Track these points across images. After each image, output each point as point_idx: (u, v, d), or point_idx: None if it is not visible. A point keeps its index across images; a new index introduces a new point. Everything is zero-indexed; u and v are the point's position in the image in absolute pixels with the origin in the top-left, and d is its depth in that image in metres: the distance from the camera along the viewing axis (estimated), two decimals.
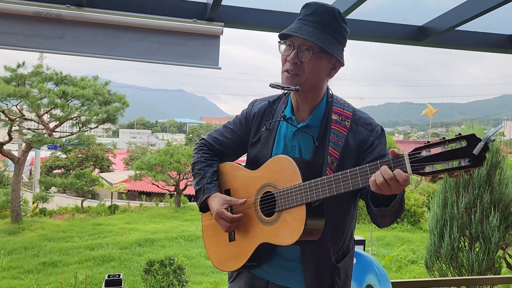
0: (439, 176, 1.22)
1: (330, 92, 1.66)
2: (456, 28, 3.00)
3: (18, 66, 12.03)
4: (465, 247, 5.55)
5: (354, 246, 1.75)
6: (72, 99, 12.31)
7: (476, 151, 1.13)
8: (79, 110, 12.85)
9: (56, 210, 15.62)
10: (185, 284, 5.18)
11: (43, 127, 12.90)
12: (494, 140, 1.15)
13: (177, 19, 2.74)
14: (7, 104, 12.00)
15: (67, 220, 14.14)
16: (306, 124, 1.61)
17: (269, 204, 1.58)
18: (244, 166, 1.74)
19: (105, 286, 2.60)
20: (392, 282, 2.42)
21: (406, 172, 1.25)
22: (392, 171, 1.27)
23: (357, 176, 1.36)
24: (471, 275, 5.27)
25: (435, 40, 3.15)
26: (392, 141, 22.44)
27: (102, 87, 12.91)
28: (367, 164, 1.35)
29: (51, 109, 12.51)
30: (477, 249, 5.43)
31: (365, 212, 15.45)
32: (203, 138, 1.83)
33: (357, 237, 3.29)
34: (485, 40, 3.31)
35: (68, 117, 12.56)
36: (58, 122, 13.02)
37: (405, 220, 15.78)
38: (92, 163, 25.06)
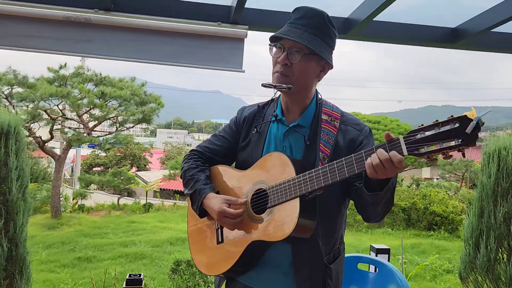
0: (433, 157, 1.27)
1: (319, 95, 1.71)
2: (492, 30, 2.87)
3: (60, 67, 12.54)
4: (503, 259, 5.27)
5: (344, 250, 1.76)
6: (110, 100, 12.69)
7: (468, 129, 1.18)
8: (116, 110, 13.23)
9: (94, 206, 16.13)
10: (210, 285, 5.22)
11: (82, 126, 13.36)
12: (483, 123, 1.20)
13: (202, 23, 2.76)
14: (49, 104, 12.53)
15: (103, 217, 14.57)
16: (296, 123, 1.65)
17: (261, 202, 1.59)
18: None
19: (126, 285, 2.65)
20: None
21: (402, 153, 1.30)
22: (388, 153, 1.31)
23: (352, 163, 1.39)
24: None
25: (470, 42, 3.02)
26: None
27: (139, 88, 13.24)
28: (363, 151, 1.38)
29: (90, 109, 12.94)
30: None
31: (400, 218, 15.05)
32: (192, 150, 1.85)
33: (380, 245, 3.21)
34: None
35: (106, 117, 12.94)
36: (97, 121, 13.45)
37: (443, 227, 15.26)
38: (129, 161, 25.77)
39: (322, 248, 1.62)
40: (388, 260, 2.96)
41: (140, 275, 2.70)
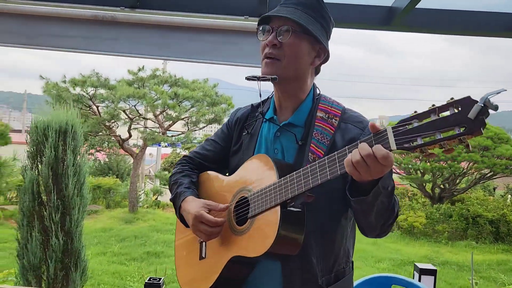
0: (429, 151, 1.03)
1: (318, 90, 1.49)
2: None
3: (139, 70, 13.25)
4: None
5: (352, 271, 1.50)
6: (183, 100, 13.10)
7: (472, 114, 0.94)
8: (189, 111, 13.64)
9: (169, 203, 16.81)
10: None
11: (158, 126, 13.97)
12: (496, 107, 0.91)
13: (228, 17, 2.62)
14: (128, 104, 13.28)
15: None
16: (288, 122, 1.45)
17: (243, 211, 1.40)
18: None
19: None
20: None
21: (389, 148, 1.07)
22: (371, 147, 1.09)
23: (334, 162, 1.17)
24: None
25: None
26: None
27: (211, 89, 13.52)
28: (346, 147, 1.16)
29: (165, 110, 13.48)
30: None
31: (486, 230, 13.66)
32: (184, 156, 1.74)
33: (426, 265, 2.79)
34: None
35: (179, 117, 13.40)
36: (171, 121, 13.98)
37: None
38: None
39: (317, 267, 1.39)
40: (435, 283, 2.56)
41: (160, 279, 2.63)
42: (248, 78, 1.43)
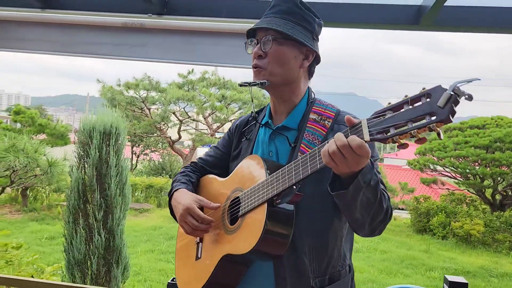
0: (401, 140, 1.03)
1: (313, 94, 1.54)
2: None
3: (189, 73, 13.61)
4: None
5: (349, 273, 1.49)
6: (231, 103, 13.29)
7: (441, 102, 0.95)
8: (237, 113, 13.81)
9: None
10: None
11: (207, 128, 14.28)
12: (469, 96, 0.93)
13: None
14: (178, 106, 13.68)
15: None
16: (282, 125, 1.48)
17: (236, 210, 1.44)
18: None
19: None
20: None
21: (363, 139, 1.09)
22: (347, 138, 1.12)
23: (315, 156, 1.20)
24: None
25: None
26: None
27: (258, 91, 13.59)
28: (326, 141, 1.18)
29: (213, 112, 13.73)
30: None
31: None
32: (191, 162, 1.80)
33: (457, 278, 2.61)
34: None
35: (227, 119, 13.60)
36: (220, 123, 14.22)
37: None
38: None
39: (309, 268, 1.39)
40: None
41: None
42: (240, 85, 1.48)
